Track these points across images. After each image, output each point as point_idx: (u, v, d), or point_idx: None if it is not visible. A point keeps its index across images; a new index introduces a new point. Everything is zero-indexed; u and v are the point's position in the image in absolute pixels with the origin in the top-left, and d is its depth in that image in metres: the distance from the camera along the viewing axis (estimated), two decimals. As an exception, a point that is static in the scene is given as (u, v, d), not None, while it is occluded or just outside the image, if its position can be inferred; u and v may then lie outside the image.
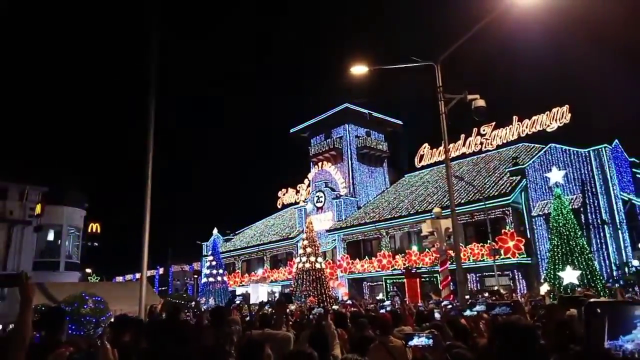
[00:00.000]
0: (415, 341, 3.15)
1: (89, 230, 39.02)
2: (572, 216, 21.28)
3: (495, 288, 21.38)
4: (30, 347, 3.00)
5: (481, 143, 33.19)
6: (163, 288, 59.81)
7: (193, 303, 18.69)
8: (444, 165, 13.29)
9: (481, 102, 10.64)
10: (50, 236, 31.82)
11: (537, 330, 2.68)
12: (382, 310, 8.35)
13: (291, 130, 43.78)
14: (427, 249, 26.60)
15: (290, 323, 8.71)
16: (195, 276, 38.20)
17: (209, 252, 38.23)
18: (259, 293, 30.06)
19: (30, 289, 3.01)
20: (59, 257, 31.20)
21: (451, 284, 15.13)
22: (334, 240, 35.42)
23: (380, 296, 30.23)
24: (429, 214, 23.70)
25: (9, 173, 28.98)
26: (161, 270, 62.43)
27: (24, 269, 27.99)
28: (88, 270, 50.90)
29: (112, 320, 7.99)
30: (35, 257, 29.81)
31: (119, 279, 63.19)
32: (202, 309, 14.03)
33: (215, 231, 44.53)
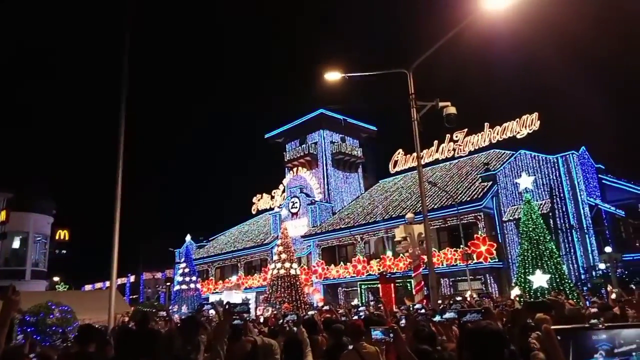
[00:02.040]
0: (377, 335, 3.57)
1: (57, 238, 37.86)
2: (542, 221, 21.77)
3: (468, 293, 21.66)
4: None
5: (454, 149, 33.73)
6: (134, 296, 58.56)
7: (164, 312, 18.29)
8: (417, 171, 13.45)
9: (452, 109, 10.82)
10: (16, 244, 30.79)
11: (506, 335, 2.70)
12: (356, 317, 8.32)
13: (266, 136, 43.64)
14: (401, 254, 26.79)
15: (264, 330, 8.62)
16: (168, 284, 37.50)
17: (182, 259, 37.60)
18: (233, 300, 29.69)
19: (14, 305, 2.87)
20: (24, 265, 30.18)
21: (425, 288, 15.26)
22: (309, 246, 35.35)
23: (355, 302, 30.29)
24: (403, 219, 23.92)
25: (-28, 179, 27.99)
26: (132, 278, 61.13)
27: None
28: (56, 279, 49.47)
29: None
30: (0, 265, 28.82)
31: (89, 287, 61.61)
32: (174, 317, 13.77)
33: (188, 238, 43.84)
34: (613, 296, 16.95)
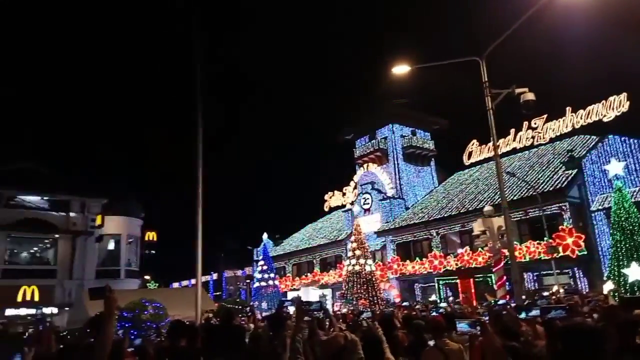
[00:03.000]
0: (463, 327, 3.57)
1: (146, 239, 40.71)
2: (635, 209, 20.10)
3: (555, 287, 20.46)
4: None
5: (533, 137, 31.89)
6: (217, 293, 61.26)
7: (248, 308, 19.06)
8: (494, 161, 12.91)
9: (530, 96, 10.27)
10: (111, 245, 33.45)
11: (603, 333, 2.54)
12: (435, 313, 8.19)
13: (336, 133, 43.90)
14: (480, 249, 25.90)
15: (342, 327, 8.72)
16: (248, 281, 38.92)
17: (260, 257, 38.87)
18: (310, 296, 30.25)
19: (113, 302, 3.20)
20: (119, 265, 32.74)
21: (507, 283, 14.66)
22: (383, 241, 35.14)
23: (433, 297, 29.71)
24: (480, 212, 23.08)
25: (70, 187, 30.79)
26: (215, 276, 63.99)
27: (87, 278, 29.63)
28: (147, 277, 53.00)
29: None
30: (97, 265, 31.46)
31: (176, 285, 65.30)
32: (256, 313, 14.33)
33: (265, 236, 45.26)
34: None
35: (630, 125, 25.46)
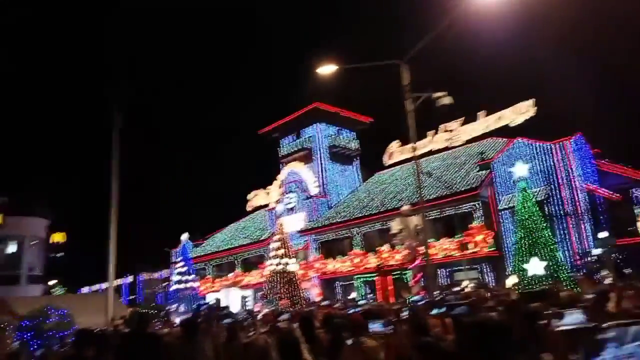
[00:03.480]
0: (375, 327, 3.51)
1: (53, 241, 37.67)
2: (537, 208, 21.82)
3: (465, 282, 21.70)
4: None
5: (449, 139, 33.64)
6: (132, 297, 58.42)
7: (163, 312, 18.29)
8: (414, 162, 13.39)
9: (447, 100, 10.77)
10: (11, 248, 30.60)
11: (507, 326, 2.64)
12: (353, 310, 8.29)
13: (260, 131, 43.42)
14: (397, 247, 26.83)
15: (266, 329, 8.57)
16: (165, 284, 37.45)
17: (179, 259, 37.52)
18: (231, 298, 29.69)
19: None
20: (20, 269, 30.01)
21: (422, 280, 15.29)
22: (306, 240, 35.32)
23: (353, 295, 30.32)
24: (400, 211, 23.91)
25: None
26: (130, 279, 60.95)
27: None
28: (52, 283, 49.23)
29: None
30: (-6, 270, 28.64)
31: (86, 289, 61.36)
32: (173, 318, 13.73)
33: (184, 237, 43.70)
34: (607, 281, 17.05)
35: (536, 130, 27.69)
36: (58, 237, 37.23)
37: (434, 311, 5.84)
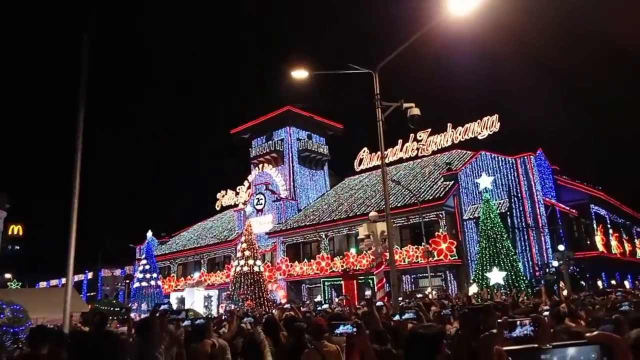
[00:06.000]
0: (341, 329, 3.50)
1: (10, 233, 36.28)
2: (499, 220, 22.50)
3: (429, 289, 22.13)
4: None
5: (418, 149, 34.31)
6: (92, 293, 56.90)
7: (124, 310, 17.91)
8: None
9: (416, 111, 11.00)
10: (-36, 240, 29.40)
11: (442, 339, 2.78)
12: (315, 313, 8.37)
13: (232, 131, 43.13)
14: (364, 252, 27.10)
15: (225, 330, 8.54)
16: (127, 281, 36.59)
17: (143, 256, 36.79)
18: (195, 298, 29.33)
19: None
20: (-27, 262, 28.86)
21: (386, 285, 15.49)
22: (274, 242, 35.25)
23: (318, 298, 30.43)
24: (367, 217, 24.18)
25: None
26: (90, 275, 59.36)
27: None
28: (8, 276, 47.49)
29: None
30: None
31: (43, 284, 59.38)
32: (133, 316, 13.48)
33: (149, 234, 42.89)
34: (564, 292, 17.72)
35: (500, 144, 28.55)
36: (16, 229, 35.94)
37: (397, 317, 5.96)
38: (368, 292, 26.63)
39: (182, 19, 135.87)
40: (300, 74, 13.14)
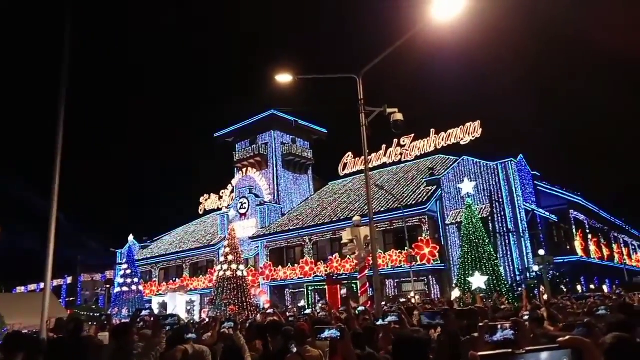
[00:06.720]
0: (326, 334, 3.51)
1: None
2: (481, 225, 22.73)
3: (412, 294, 22.23)
4: None
5: (401, 154, 34.53)
6: (71, 299, 55.86)
7: (104, 315, 17.57)
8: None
9: (399, 116, 11.06)
10: (-62, 243, 28.58)
11: (428, 344, 2.85)
12: (299, 318, 8.33)
13: (215, 134, 42.87)
14: (348, 256, 27.11)
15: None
16: (107, 286, 35.98)
17: (124, 260, 36.25)
18: (177, 302, 28.97)
19: None
20: (-53, 266, 28.11)
21: (370, 290, 15.52)
22: (257, 247, 35.06)
23: (302, 303, 30.31)
24: (351, 221, 24.22)
25: None
26: (69, 280, 58.27)
27: None
28: (-17, 281, 46.27)
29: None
30: None
31: (21, 289, 58.10)
32: (113, 321, 13.24)
33: (131, 238, 42.29)
34: (545, 297, 17.96)
35: (482, 149, 28.87)
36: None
37: (380, 321, 5.96)
38: (344, 291, 26.58)
39: (166, 22, 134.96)
40: (284, 78, 13.11)
